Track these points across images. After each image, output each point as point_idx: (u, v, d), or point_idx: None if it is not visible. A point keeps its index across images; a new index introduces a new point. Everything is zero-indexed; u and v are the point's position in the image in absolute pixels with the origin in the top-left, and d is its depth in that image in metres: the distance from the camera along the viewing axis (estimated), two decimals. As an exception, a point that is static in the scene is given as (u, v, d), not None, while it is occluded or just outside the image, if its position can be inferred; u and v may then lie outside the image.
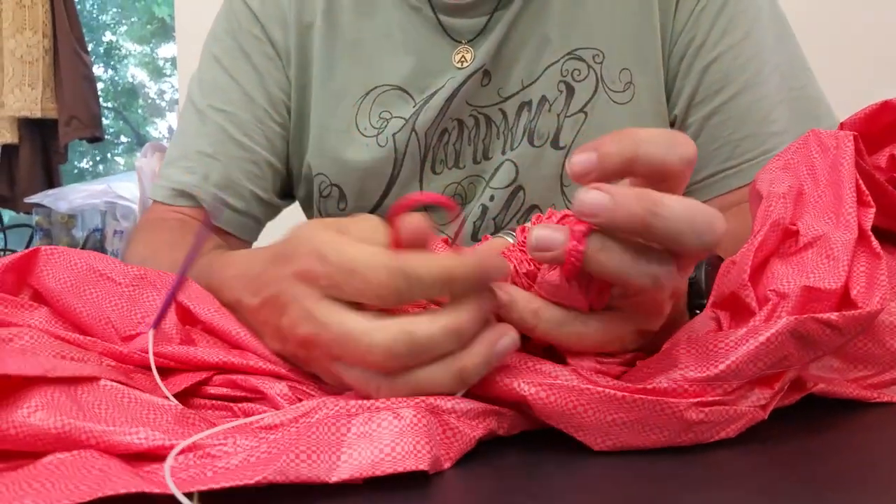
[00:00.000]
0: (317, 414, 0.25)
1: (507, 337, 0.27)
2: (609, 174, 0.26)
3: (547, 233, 0.26)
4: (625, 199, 0.24)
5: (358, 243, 0.26)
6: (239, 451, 0.23)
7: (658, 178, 0.27)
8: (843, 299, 0.27)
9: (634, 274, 0.25)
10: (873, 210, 0.29)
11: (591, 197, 0.24)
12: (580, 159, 0.26)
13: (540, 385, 0.25)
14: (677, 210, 0.24)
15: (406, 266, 0.25)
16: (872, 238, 0.29)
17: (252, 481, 0.20)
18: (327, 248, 0.26)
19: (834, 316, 0.25)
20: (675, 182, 0.27)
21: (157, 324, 0.33)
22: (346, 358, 0.26)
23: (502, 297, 0.28)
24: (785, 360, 0.25)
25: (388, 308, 0.26)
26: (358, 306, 0.26)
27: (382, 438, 0.23)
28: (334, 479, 0.22)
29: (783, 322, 0.25)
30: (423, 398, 0.26)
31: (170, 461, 0.22)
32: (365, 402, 0.25)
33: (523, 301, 0.28)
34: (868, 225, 0.29)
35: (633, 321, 0.28)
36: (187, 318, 0.36)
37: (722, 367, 0.25)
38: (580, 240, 0.25)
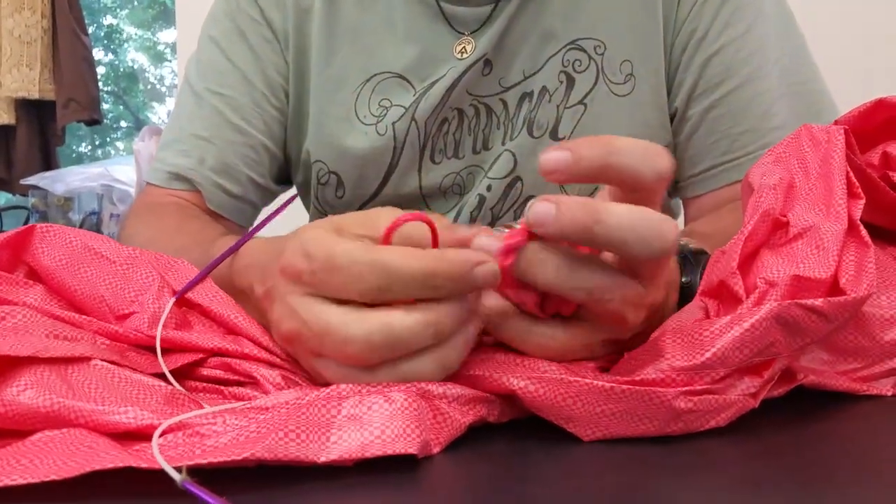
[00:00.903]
0: (307, 396, 0.25)
1: (475, 322, 0.27)
2: (580, 176, 0.26)
3: (484, 243, 0.26)
4: (569, 207, 0.24)
5: (344, 240, 0.26)
6: (228, 430, 0.23)
7: (630, 188, 0.27)
8: (833, 289, 0.27)
9: (566, 287, 0.26)
10: (863, 201, 0.29)
11: (538, 208, 0.25)
12: (554, 156, 0.26)
13: (529, 379, 0.26)
14: (621, 218, 0.24)
15: (387, 261, 0.25)
16: (861, 227, 0.29)
17: (240, 458, 0.20)
18: (312, 245, 0.26)
19: (819, 302, 0.25)
20: (647, 194, 0.27)
21: (179, 296, 0.33)
22: (326, 352, 0.26)
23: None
24: (772, 346, 0.25)
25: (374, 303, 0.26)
26: (341, 302, 0.26)
27: (372, 421, 0.23)
28: (323, 459, 0.22)
29: (767, 308, 0.25)
30: (415, 383, 0.26)
31: (157, 437, 0.22)
32: (356, 385, 0.25)
33: (491, 301, 0.28)
34: (857, 215, 0.29)
35: (599, 331, 0.29)
36: (184, 301, 0.36)
37: (708, 354, 0.25)
38: (507, 254, 0.26)
